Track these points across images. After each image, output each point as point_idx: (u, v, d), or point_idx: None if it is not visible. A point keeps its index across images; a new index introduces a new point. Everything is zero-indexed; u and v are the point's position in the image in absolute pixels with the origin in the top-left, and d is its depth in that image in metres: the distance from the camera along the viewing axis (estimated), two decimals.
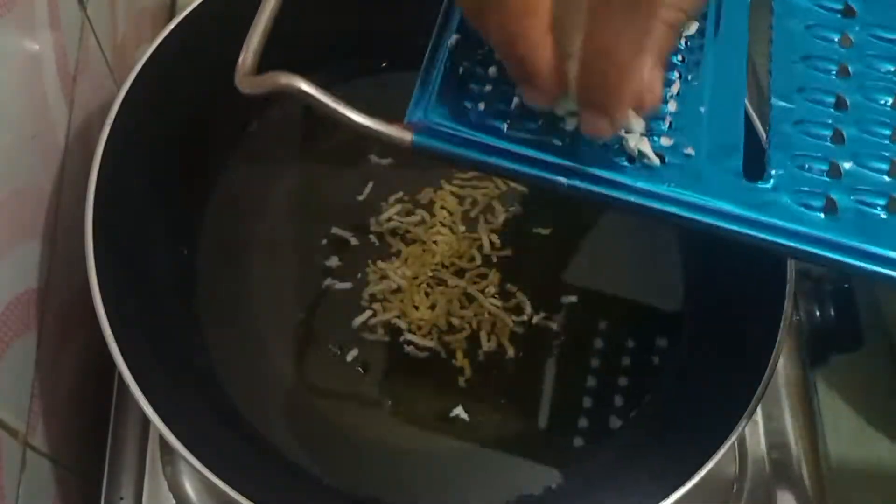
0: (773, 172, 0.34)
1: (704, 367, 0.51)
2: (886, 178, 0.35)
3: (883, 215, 0.34)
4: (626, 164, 0.34)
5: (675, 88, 0.36)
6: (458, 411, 0.51)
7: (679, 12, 0.31)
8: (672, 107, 0.35)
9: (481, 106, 0.34)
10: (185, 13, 0.51)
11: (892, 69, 0.37)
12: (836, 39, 0.38)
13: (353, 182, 0.57)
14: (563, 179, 0.33)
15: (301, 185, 0.57)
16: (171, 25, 0.51)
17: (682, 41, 0.37)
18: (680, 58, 0.37)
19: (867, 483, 0.68)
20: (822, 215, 0.34)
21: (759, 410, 0.54)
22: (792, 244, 0.34)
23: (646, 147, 0.34)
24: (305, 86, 0.33)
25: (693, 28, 0.37)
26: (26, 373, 0.47)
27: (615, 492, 0.48)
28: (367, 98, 0.59)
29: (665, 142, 0.34)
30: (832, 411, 0.68)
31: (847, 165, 0.35)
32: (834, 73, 0.37)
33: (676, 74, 0.36)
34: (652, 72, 0.31)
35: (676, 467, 0.44)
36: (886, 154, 0.35)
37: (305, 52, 0.55)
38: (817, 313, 0.55)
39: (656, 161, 0.34)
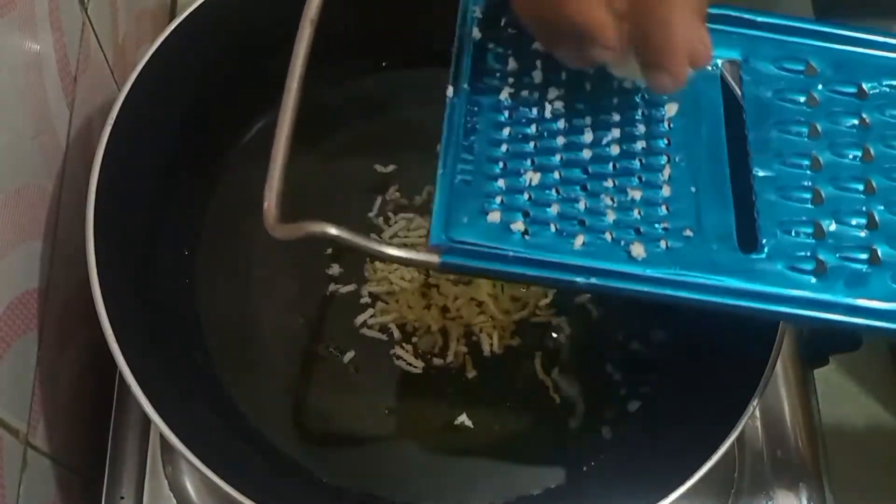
0: (764, 242, 0.37)
1: (704, 366, 0.51)
2: (864, 234, 0.37)
3: (865, 269, 0.36)
4: (634, 255, 0.36)
5: (665, 173, 0.38)
6: (463, 419, 0.51)
7: None
8: (666, 191, 0.38)
9: (497, 217, 0.37)
10: (185, 13, 0.51)
11: (856, 122, 0.40)
12: (803, 101, 0.40)
13: (355, 188, 0.57)
14: (580, 279, 0.36)
15: (302, 186, 0.57)
16: (172, 26, 0.51)
17: (666, 124, 0.39)
18: (665, 140, 0.39)
19: (867, 481, 0.68)
20: (813, 278, 0.36)
21: (758, 410, 0.54)
22: (792, 311, 0.36)
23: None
24: (335, 231, 0.36)
25: (674, 110, 0.39)
26: (27, 372, 0.47)
27: (615, 492, 0.48)
28: (368, 98, 0.60)
29: (664, 226, 0.37)
30: (832, 411, 0.68)
31: (829, 224, 0.37)
32: (805, 134, 0.39)
33: (665, 158, 0.38)
34: (700, 27, 0.34)
35: (676, 467, 0.44)
36: (862, 209, 0.38)
37: (313, 50, 0.55)
38: None
39: None
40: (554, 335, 0.53)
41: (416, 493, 0.50)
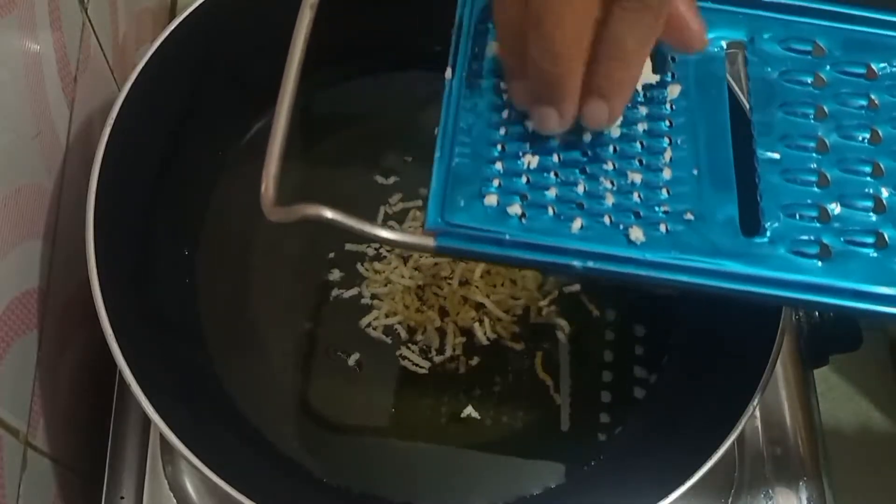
0: (766, 225, 0.36)
1: (705, 366, 0.51)
2: (873, 217, 0.36)
3: (873, 254, 0.35)
4: (633, 239, 0.35)
5: (667, 156, 0.37)
6: (469, 411, 0.51)
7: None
8: (667, 174, 0.37)
9: (494, 200, 0.36)
10: (185, 13, 0.51)
11: (865, 104, 0.39)
12: (810, 82, 0.39)
13: (356, 200, 0.56)
14: (577, 263, 0.35)
15: (303, 186, 0.57)
16: (172, 25, 0.51)
17: (668, 106, 0.38)
18: (667, 123, 0.38)
19: (867, 480, 0.68)
20: (819, 262, 0.35)
21: (758, 410, 0.54)
22: (794, 296, 0.35)
23: None
24: (331, 214, 0.35)
25: (676, 91, 0.39)
26: (27, 372, 0.47)
27: (614, 492, 0.48)
28: (367, 98, 0.60)
29: (665, 210, 0.36)
30: (832, 411, 0.68)
31: (835, 208, 0.36)
32: (812, 116, 0.38)
33: (667, 141, 0.38)
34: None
35: (677, 467, 0.44)
36: (870, 191, 0.37)
37: (308, 52, 0.55)
38: (817, 313, 0.55)
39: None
40: (554, 335, 0.53)
41: (417, 494, 0.50)
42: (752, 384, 0.45)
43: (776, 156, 0.37)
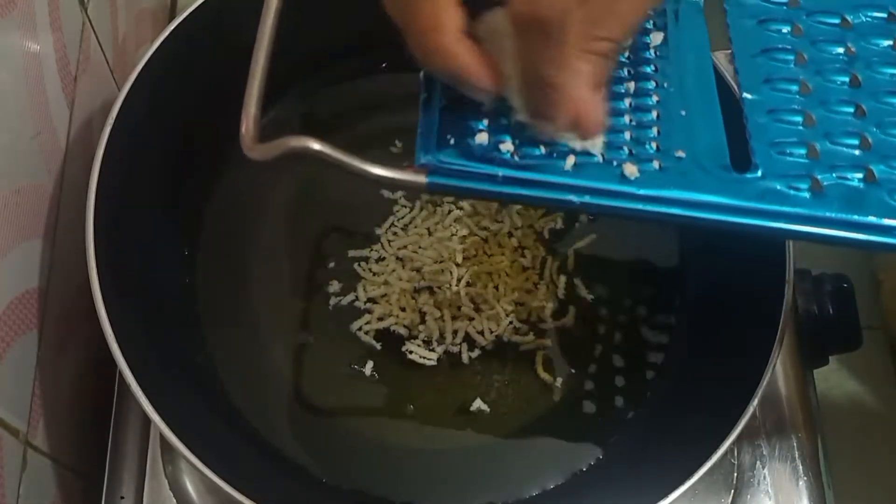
0: (757, 162, 0.37)
1: (705, 366, 0.51)
2: (858, 153, 0.37)
3: (863, 186, 0.36)
4: (628, 175, 0.35)
5: (654, 98, 0.38)
6: (479, 404, 0.51)
7: (607, 42, 0.33)
8: (655, 115, 0.38)
9: (485, 138, 0.36)
10: (185, 13, 0.51)
11: (842, 51, 0.40)
12: (787, 30, 0.40)
13: (361, 210, 0.56)
14: (573, 198, 0.35)
15: (304, 186, 0.57)
16: (172, 26, 0.51)
17: (652, 51, 0.39)
18: (653, 68, 0.39)
19: (867, 480, 0.68)
20: (809, 195, 0.36)
21: (758, 410, 0.54)
22: (788, 227, 0.36)
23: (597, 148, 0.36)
24: (318, 145, 0.34)
25: (659, 38, 0.40)
26: (27, 372, 0.47)
27: (614, 492, 0.48)
28: (367, 98, 0.60)
29: (656, 148, 0.36)
30: (832, 410, 0.68)
31: (822, 145, 0.37)
32: (792, 62, 0.39)
33: (653, 84, 0.38)
34: (591, 97, 0.34)
35: (676, 467, 0.44)
36: (853, 130, 0.38)
37: (306, 52, 0.55)
38: (817, 313, 0.55)
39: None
40: (554, 334, 0.53)
41: (418, 494, 0.50)
42: (752, 384, 0.45)
43: (761, 97, 0.38)
